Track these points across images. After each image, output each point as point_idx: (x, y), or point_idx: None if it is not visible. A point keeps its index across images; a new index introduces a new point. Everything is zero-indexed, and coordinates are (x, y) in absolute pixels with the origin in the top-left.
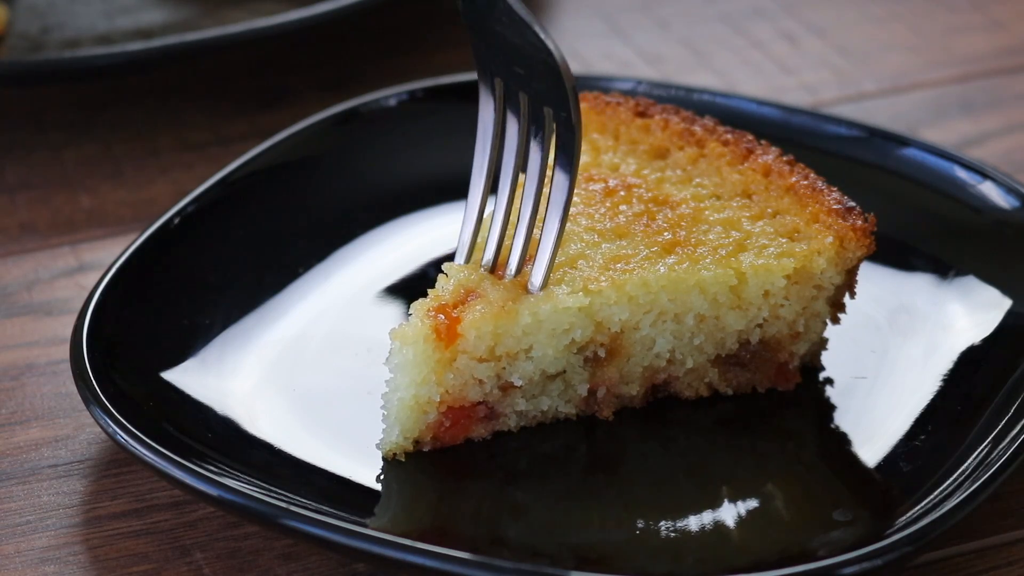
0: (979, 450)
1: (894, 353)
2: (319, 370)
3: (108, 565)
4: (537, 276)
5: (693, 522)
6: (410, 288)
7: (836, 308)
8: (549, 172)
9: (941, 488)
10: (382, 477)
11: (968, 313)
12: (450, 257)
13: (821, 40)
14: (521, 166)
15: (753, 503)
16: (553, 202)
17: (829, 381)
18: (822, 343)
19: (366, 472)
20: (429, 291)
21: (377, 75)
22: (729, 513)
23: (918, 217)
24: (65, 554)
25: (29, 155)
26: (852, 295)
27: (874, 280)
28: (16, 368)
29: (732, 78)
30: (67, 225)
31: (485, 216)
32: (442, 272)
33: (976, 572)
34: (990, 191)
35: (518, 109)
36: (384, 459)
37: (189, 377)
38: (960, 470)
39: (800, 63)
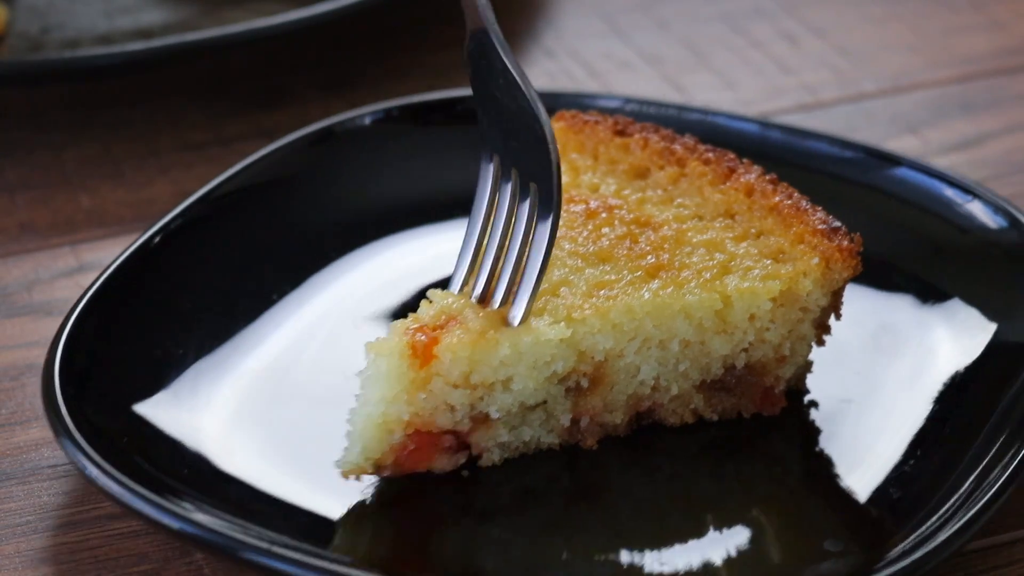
0: (971, 478)
1: (880, 375)
2: (294, 399)
3: (108, 565)
4: (517, 311)
5: (679, 552)
6: (389, 315)
7: (821, 330)
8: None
9: (934, 519)
10: (359, 512)
11: (954, 336)
12: (430, 282)
13: (821, 40)
14: (506, 242)
15: (741, 531)
16: (531, 260)
17: (815, 404)
18: (807, 366)
19: (342, 507)
20: (410, 314)
21: (377, 75)
22: (716, 542)
23: (904, 236)
24: (65, 554)
25: (29, 155)
26: (838, 316)
27: (859, 301)
28: (16, 368)
29: (732, 78)
30: (67, 225)
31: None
32: (426, 298)
33: (976, 572)
34: (977, 210)
35: (510, 182)
36: (343, 476)
37: (162, 409)
38: (952, 499)
39: (800, 63)
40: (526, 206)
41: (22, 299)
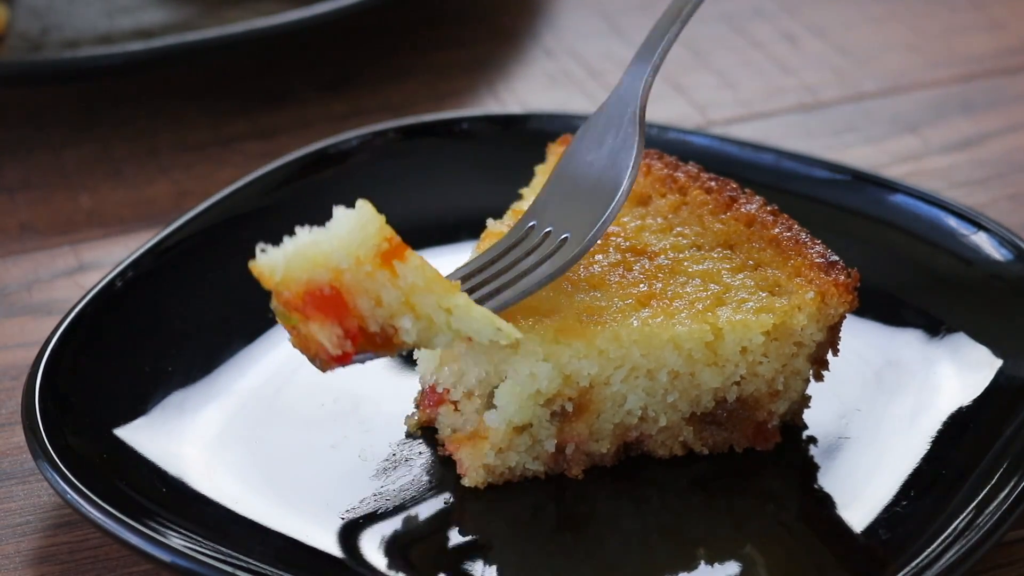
0: (962, 521)
1: (881, 412)
2: (282, 421)
3: (108, 565)
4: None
5: None
6: None
7: (819, 365)
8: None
9: (921, 558)
10: (340, 539)
11: (957, 372)
12: None
13: (821, 40)
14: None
15: (731, 567)
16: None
17: (812, 441)
18: (804, 401)
19: (324, 534)
20: None
21: (377, 75)
22: None
23: (909, 268)
24: (65, 554)
25: (29, 155)
26: (835, 352)
27: (862, 334)
28: (16, 368)
29: (732, 78)
30: (67, 225)
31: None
32: None
33: (976, 572)
34: (983, 242)
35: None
36: (250, 269)
37: (146, 427)
38: (941, 540)
39: (800, 63)
40: (545, 249)
41: (22, 299)
